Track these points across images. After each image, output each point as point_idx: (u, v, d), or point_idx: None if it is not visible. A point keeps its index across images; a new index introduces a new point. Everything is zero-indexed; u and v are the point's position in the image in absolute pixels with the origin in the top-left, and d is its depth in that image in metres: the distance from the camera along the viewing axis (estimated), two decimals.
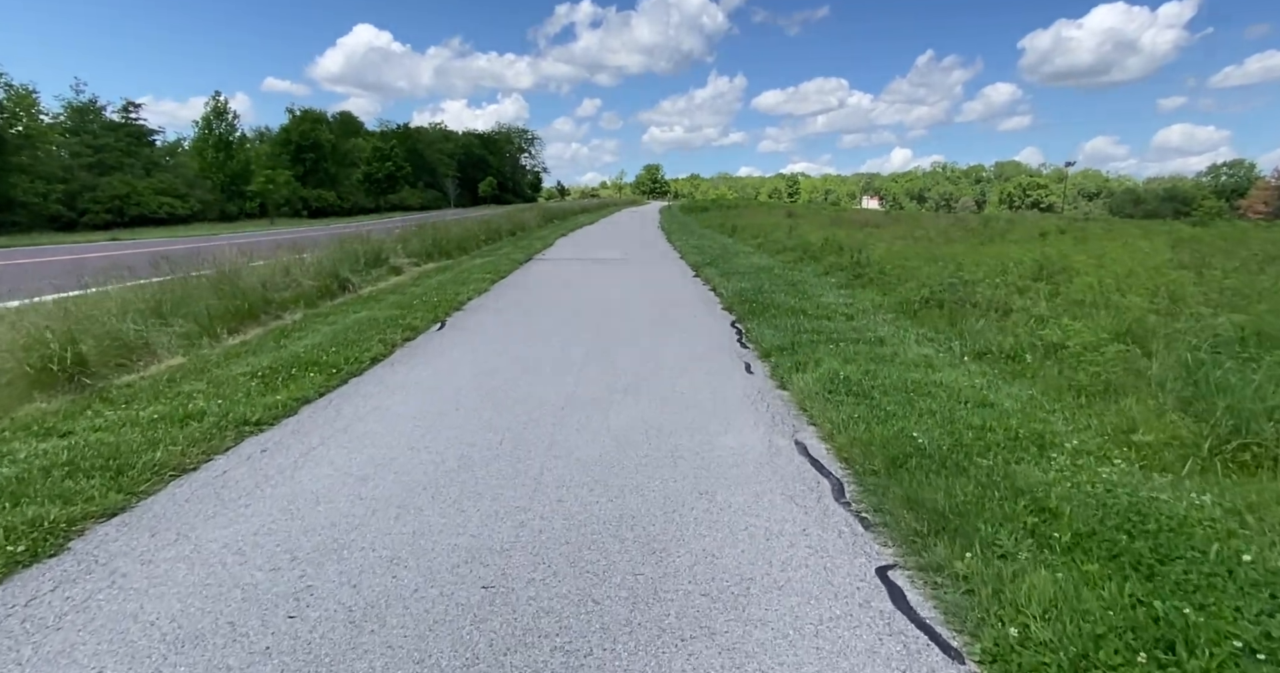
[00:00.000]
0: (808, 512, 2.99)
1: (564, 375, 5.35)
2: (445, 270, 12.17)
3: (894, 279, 8.67)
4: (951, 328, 6.06)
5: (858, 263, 9.57)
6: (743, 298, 8.64)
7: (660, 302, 9.06)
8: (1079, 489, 2.88)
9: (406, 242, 13.78)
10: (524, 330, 7.15)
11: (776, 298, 8.42)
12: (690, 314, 8.10)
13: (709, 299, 9.25)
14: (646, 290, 10.12)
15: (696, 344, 6.48)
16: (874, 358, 5.25)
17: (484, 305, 8.76)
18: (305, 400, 4.54)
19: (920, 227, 15.42)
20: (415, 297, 8.88)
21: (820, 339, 5.99)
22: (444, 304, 8.41)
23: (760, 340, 6.29)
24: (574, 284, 10.90)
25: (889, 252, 10.95)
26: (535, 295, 9.69)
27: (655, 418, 4.30)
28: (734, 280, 10.16)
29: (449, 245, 14.57)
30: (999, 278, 7.22)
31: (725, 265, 12.05)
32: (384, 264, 11.50)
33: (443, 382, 5.16)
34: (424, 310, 7.90)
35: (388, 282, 10.48)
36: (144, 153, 63.34)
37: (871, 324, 6.61)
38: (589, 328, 7.24)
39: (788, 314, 7.31)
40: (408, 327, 6.94)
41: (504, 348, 6.33)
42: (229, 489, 3.21)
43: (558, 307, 8.66)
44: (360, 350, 5.79)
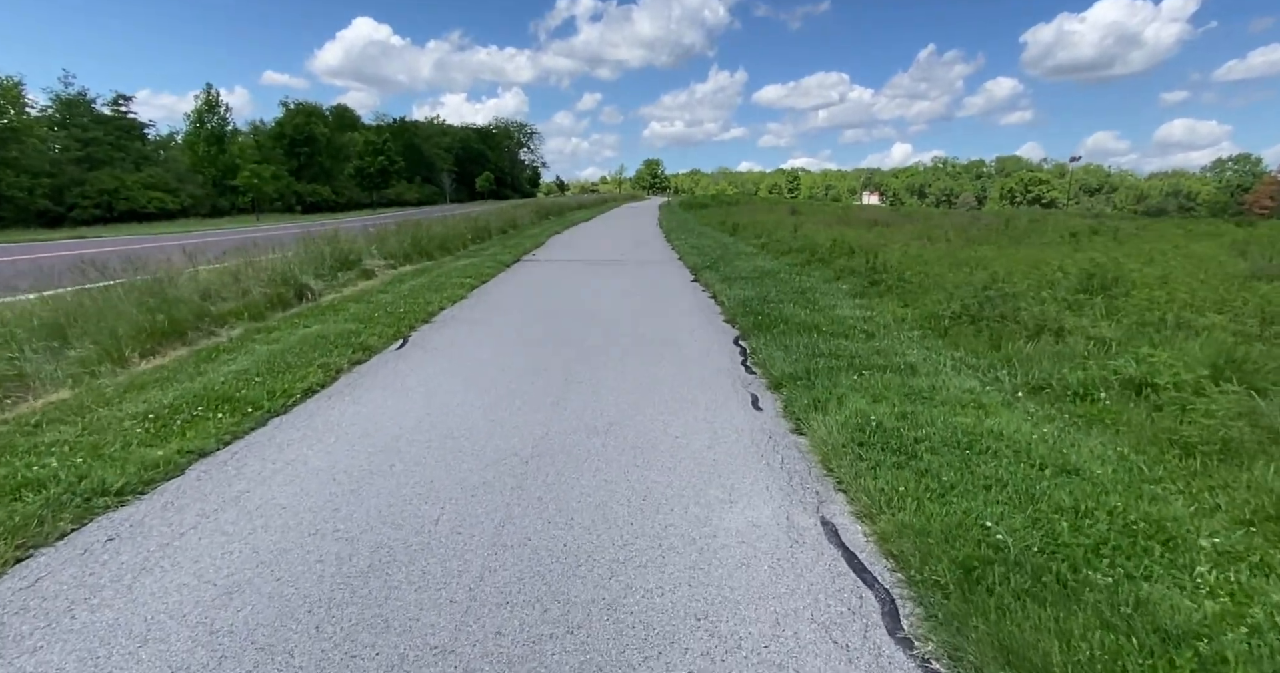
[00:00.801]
0: (851, 659, 2.07)
1: (535, 412, 4.43)
2: (423, 274, 11.23)
3: (915, 288, 7.74)
4: (994, 352, 5.13)
5: (873, 268, 8.64)
6: (746, 308, 7.71)
7: (655, 312, 8.13)
8: (1257, 637, 1.96)
9: (384, 241, 12.84)
10: (497, 350, 6.22)
11: (784, 309, 7.50)
12: (688, 328, 7.18)
13: (709, 309, 8.32)
14: (640, 298, 9.19)
15: (694, 367, 5.56)
16: (909, 393, 4.33)
17: (457, 317, 7.83)
18: (201, 453, 3.61)
19: (935, 226, 14.46)
20: (381, 306, 7.95)
21: (840, 365, 5.06)
22: (411, 316, 7.48)
23: (768, 364, 5.36)
24: (562, 290, 9.97)
25: (905, 254, 10.01)
26: (517, 304, 8.76)
27: (642, 479, 3.38)
28: (736, 287, 9.23)
29: (430, 245, 13.62)
30: (1045, 291, 6.27)
31: (726, 269, 11.11)
32: (354, 267, 10.56)
33: (385, 422, 4.23)
34: (386, 324, 6.97)
35: (355, 288, 9.54)
36: (134, 147, 62.37)
37: (897, 345, 5.68)
38: (572, 346, 6.32)
39: (798, 330, 6.38)
40: (361, 346, 6.01)
41: (471, 373, 5.40)
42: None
43: (540, 319, 7.73)
44: (294, 379, 4.86)
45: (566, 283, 10.70)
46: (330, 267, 9.88)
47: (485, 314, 7.97)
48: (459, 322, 7.52)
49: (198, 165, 62.23)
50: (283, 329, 6.64)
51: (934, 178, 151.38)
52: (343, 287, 9.48)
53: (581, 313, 8.02)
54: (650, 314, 7.95)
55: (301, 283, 8.34)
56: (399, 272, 11.50)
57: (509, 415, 4.37)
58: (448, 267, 12.09)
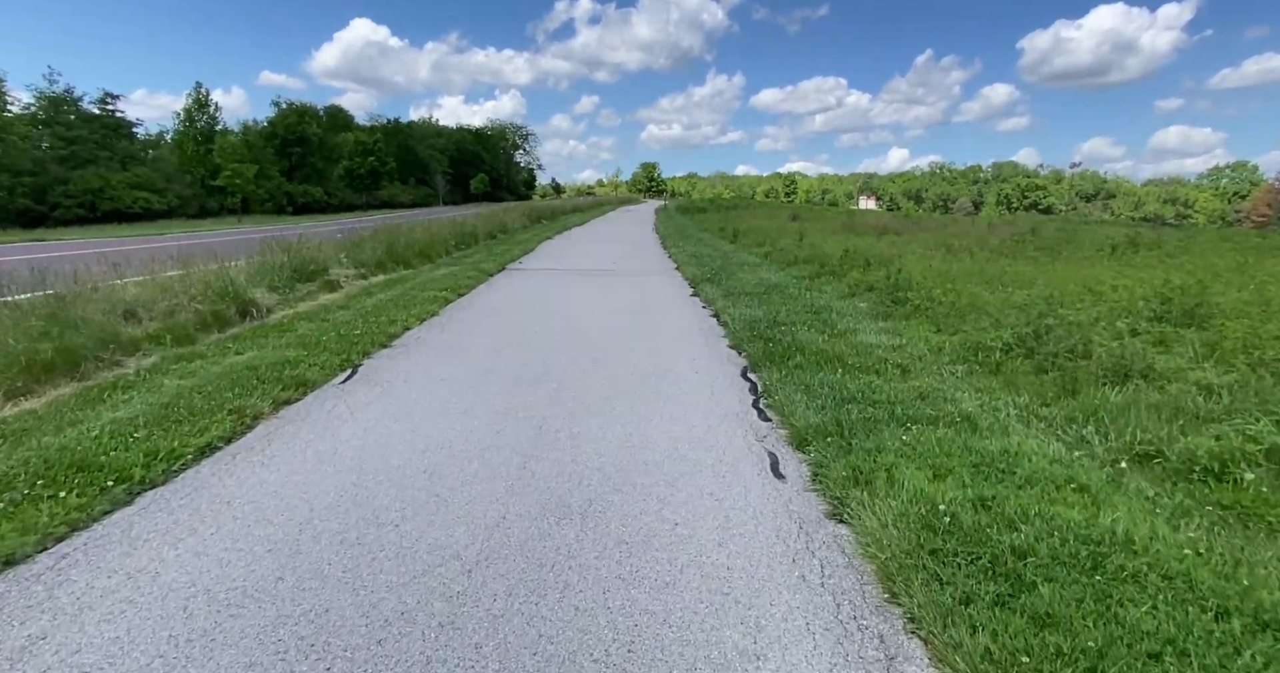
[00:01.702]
0: None
1: (494, 481, 3.43)
2: (395, 285, 10.21)
3: (948, 309, 6.75)
4: (1069, 400, 4.14)
5: (896, 285, 7.65)
6: (754, 331, 6.72)
7: (650, 334, 7.12)
8: None
9: (357, 248, 11.81)
10: (462, 385, 5.20)
11: (798, 333, 6.50)
12: (688, 356, 6.17)
13: (711, 331, 7.32)
14: (634, 317, 8.18)
15: (696, 411, 4.56)
16: (979, 463, 3.32)
17: (423, 340, 6.81)
18: (6, 561, 2.59)
19: (952, 234, 13.46)
20: (336, 326, 6.92)
21: (878, 414, 4.06)
22: (369, 338, 6.46)
23: (787, 409, 4.37)
24: (547, 306, 8.95)
25: (927, 268, 9.03)
26: (494, 324, 7.74)
27: (628, 606, 2.38)
28: (741, 304, 8.24)
29: (408, 253, 12.57)
30: (1122, 320, 5.25)
31: (729, 281, 10.12)
32: (318, 277, 9.53)
33: (295, 499, 3.21)
34: (335, 350, 5.94)
35: (314, 302, 8.51)
36: (121, 146, 61.20)
37: (942, 385, 4.69)
38: (551, 380, 5.31)
39: (817, 362, 5.39)
40: (296, 381, 4.98)
41: (423, 420, 4.39)
42: None
43: (518, 342, 6.72)
44: (192, 432, 3.84)
45: (553, 297, 9.69)
46: (288, 277, 8.85)
47: (456, 336, 6.95)
48: (424, 346, 6.50)
49: (186, 165, 61.16)
50: (208, 357, 5.60)
51: (931, 183, 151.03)
52: (300, 301, 8.45)
53: (566, 335, 7.01)
54: (644, 337, 6.94)
55: (247, 298, 7.30)
56: (369, 283, 10.47)
57: (460, 487, 3.36)
58: (424, 276, 11.06)
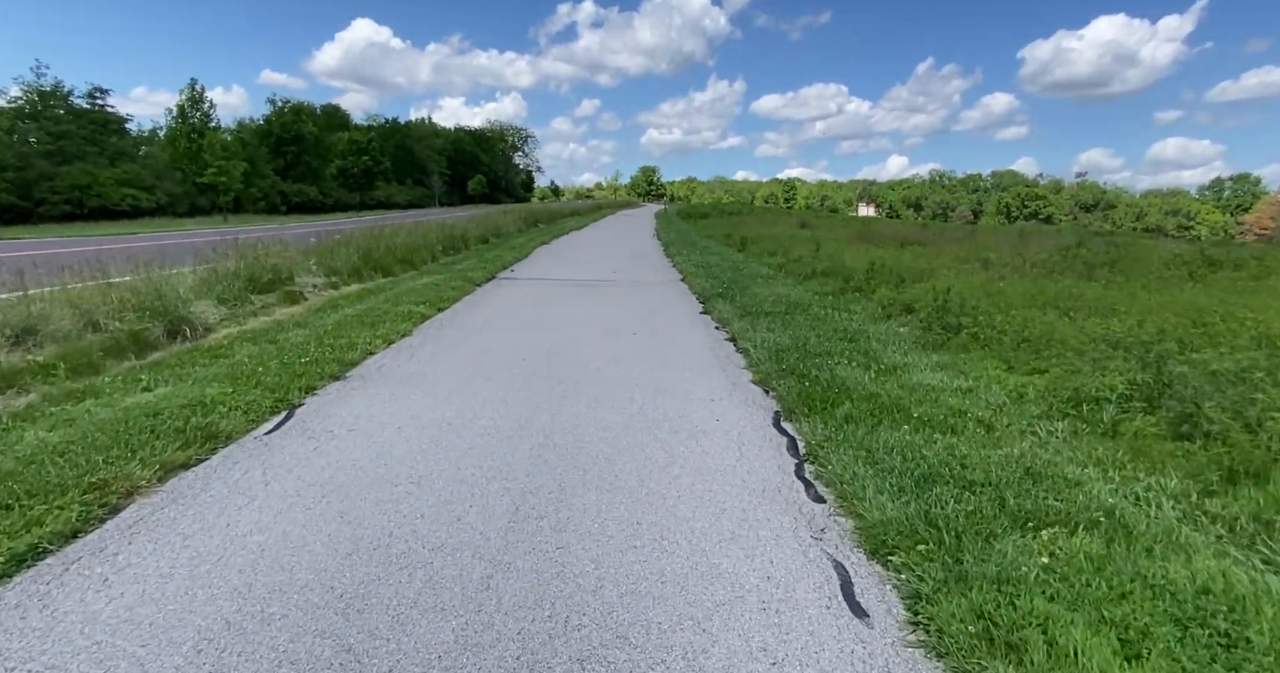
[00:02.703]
0: None
1: (439, 620, 2.29)
2: (369, 296, 9.06)
3: (1015, 341, 5.63)
4: (1247, 485, 3.01)
5: (943, 307, 6.53)
6: (782, 363, 5.60)
7: (656, 364, 6.00)
8: None
9: (331, 254, 10.66)
10: (420, 438, 4.06)
11: (836, 367, 5.39)
12: (705, 395, 5.04)
13: (729, 359, 6.20)
14: (637, 341, 7.06)
15: (722, 485, 3.43)
16: (1182, 617, 2.20)
17: (385, 369, 5.66)
18: None
19: (985, 247, 12.30)
20: (284, 350, 5.79)
21: (985, 506, 2.93)
22: (319, 367, 5.33)
23: (849, 488, 3.25)
24: (536, 325, 7.82)
25: (969, 286, 7.91)
26: (474, 348, 6.61)
27: None
28: (761, 326, 7.11)
29: (388, 259, 11.42)
30: None
31: (743, 297, 8.99)
32: (278, 288, 8.38)
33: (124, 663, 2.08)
34: (274, 383, 4.80)
35: (269, 317, 7.35)
36: (110, 142, 60.02)
37: (1050, 454, 3.55)
38: (535, 431, 4.17)
39: (873, 411, 4.26)
40: (206, 432, 3.84)
41: (358, 497, 3.25)
42: None
43: (500, 374, 5.59)
44: (14, 527, 2.70)
45: (545, 313, 8.55)
46: (241, 288, 7.70)
47: (425, 365, 5.81)
48: (384, 378, 5.35)
49: (177, 162, 60.04)
50: (105, 394, 4.45)
51: (931, 191, 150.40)
52: (252, 316, 7.30)
53: (558, 365, 5.87)
54: (651, 368, 5.81)
55: (179, 314, 6.15)
56: (339, 294, 9.32)
57: (388, 632, 2.22)
58: (404, 287, 9.92)
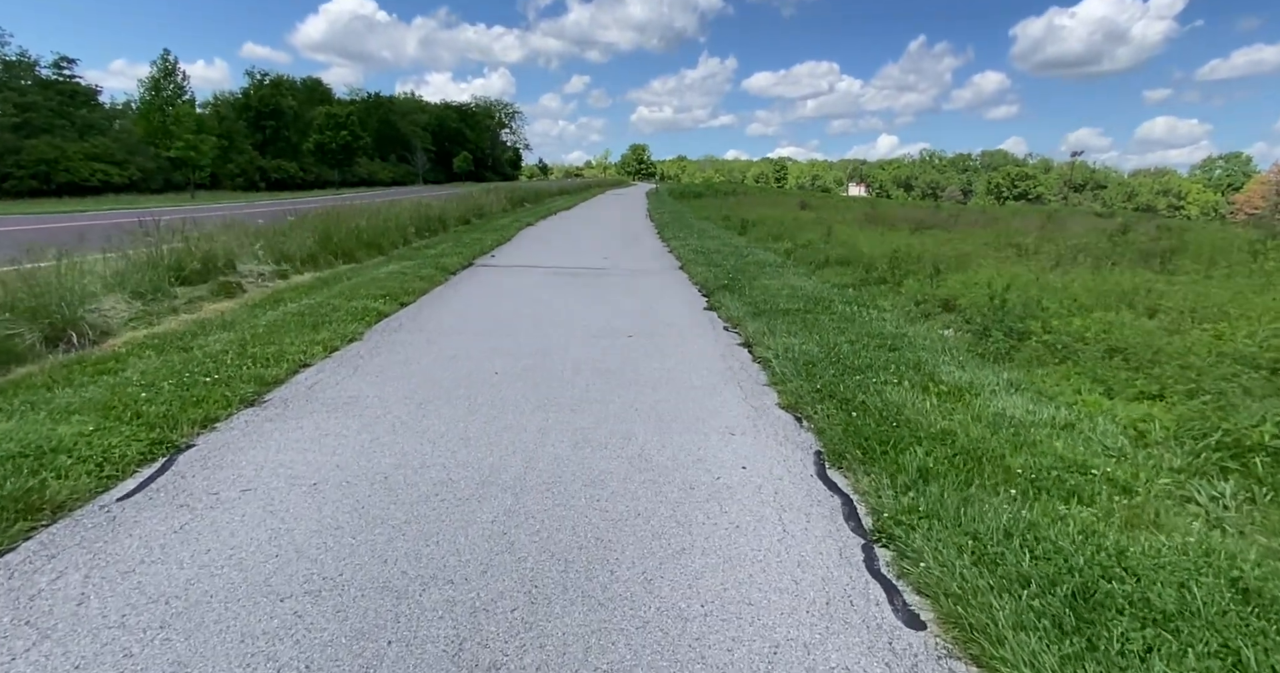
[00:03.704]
0: None
1: None
2: (321, 287, 7.85)
3: (1101, 351, 4.55)
4: None
5: (999, 307, 5.43)
6: (814, 380, 4.51)
7: (657, 380, 4.88)
8: None
9: (284, 237, 9.41)
10: (340, 507, 2.93)
11: (884, 387, 4.30)
12: (720, 426, 3.94)
13: (745, 371, 5.09)
14: (633, 347, 5.94)
15: (763, 593, 2.34)
16: None
17: (317, 389, 4.50)
18: None
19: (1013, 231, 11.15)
20: (191, 363, 4.61)
21: (1188, 652, 1.88)
22: (230, 388, 4.17)
23: (958, 605, 2.17)
24: (513, 326, 6.67)
25: (1016, 279, 6.82)
26: (435, 358, 5.46)
27: None
28: (780, 328, 6.00)
29: (350, 243, 10.16)
30: None
31: (753, 290, 7.87)
32: (213, 278, 7.16)
33: None
34: (160, 412, 3.64)
35: (193, 315, 6.14)
36: (79, 114, 57.69)
37: (1236, 545, 2.50)
38: (500, 489, 3.05)
39: (953, 459, 3.18)
40: (24, 501, 2.69)
41: (222, 613, 2.12)
42: None
43: (461, 396, 4.45)
44: None
45: (525, 309, 7.40)
46: (166, 280, 6.49)
47: (369, 383, 4.65)
48: (312, 404, 4.20)
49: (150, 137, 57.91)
50: None
51: (921, 171, 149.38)
52: (172, 314, 6.09)
53: (537, 381, 4.74)
54: (651, 386, 4.69)
55: (68, 315, 4.95)
56: (289, 284, 8.10)
57: None
58: (365, 276, 8.70)
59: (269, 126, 71.65)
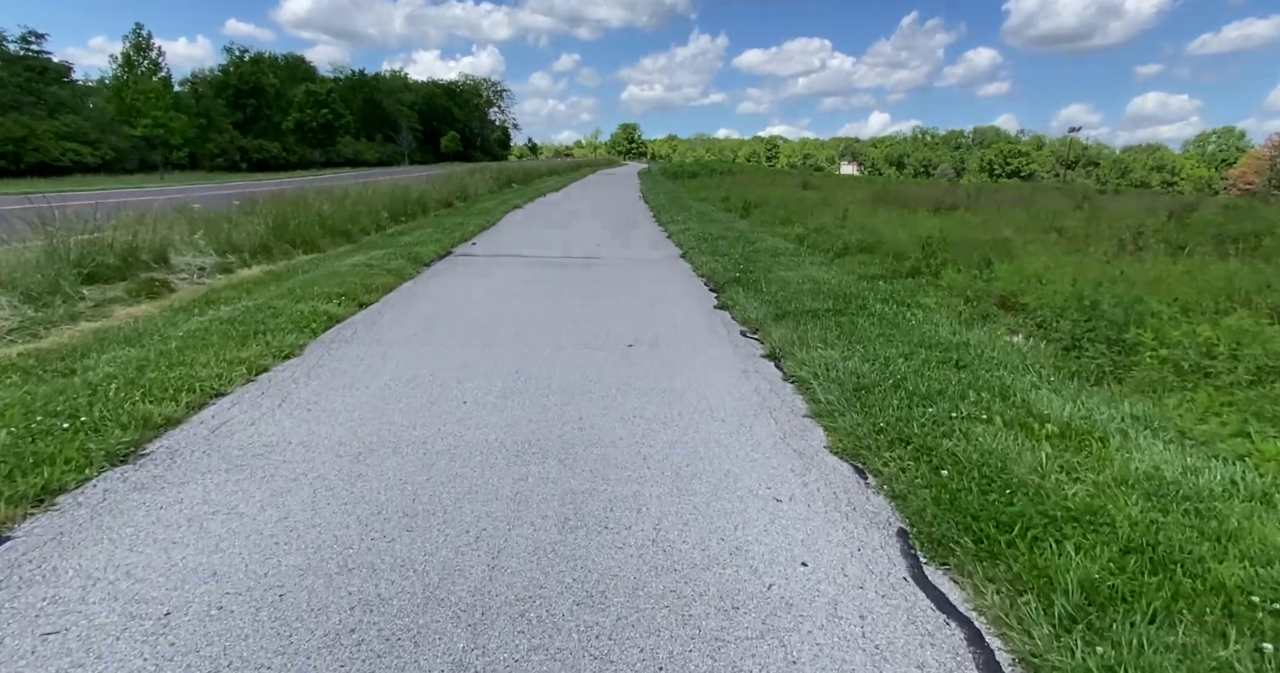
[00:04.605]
0: None
1: None
2: (271, 283, 6.73)
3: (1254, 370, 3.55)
4: None
5: (1091, 310, 4.39)
6: (873, 410, 3.49)
7: (664, 407, 3.83)
8: None
9: (234, 225, 8.25)
10: (203, 651, 1.90)
11: (969, 424, 3.28)
12: (762, 492, 2.91)
13: (775, 396, 4.05)
14: (632, 358, 4.89)
15: None
16: None
17: (224, 433, 3.43)
18: None
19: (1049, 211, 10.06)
20: (55, 396, 3.52)
21: None
22: (99, 436, 3.09)
23: None
24: (491, 333, 5.61)
25: (1082, 271, 5.79)
26: (389, 381, 4.39)
27: None
28: (813, 337, 4.94)
29: (310, 231, 8.99)
30: None
31: (768, 284, 6.81)
32: (138, 273, 6.04)
33: None
34: None
35: (96, 323, 5.03)
36: (49, 91, 55.51)
37: None
38: (451, 633, 2.03)
39: (1119, 558, 2.18)
40: None
41: None
42: None
43: (411, 441, 3.40)
44: None
45: (507, 312, 6.33)
46: (67, 278, 5.36)
47: (294, 423, 3.58)
48: (209, 459, 3.13)
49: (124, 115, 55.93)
50: None
51: (913, 148, 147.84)
52: (75, 321, 4.98)
53: (513, 418, 3.69)
54: (660, 418, 3.64)
55: None
56: (232, 280, 6.96)
57: None
58: (324, 269, 7.57)
59: (249, 105, 69.51)
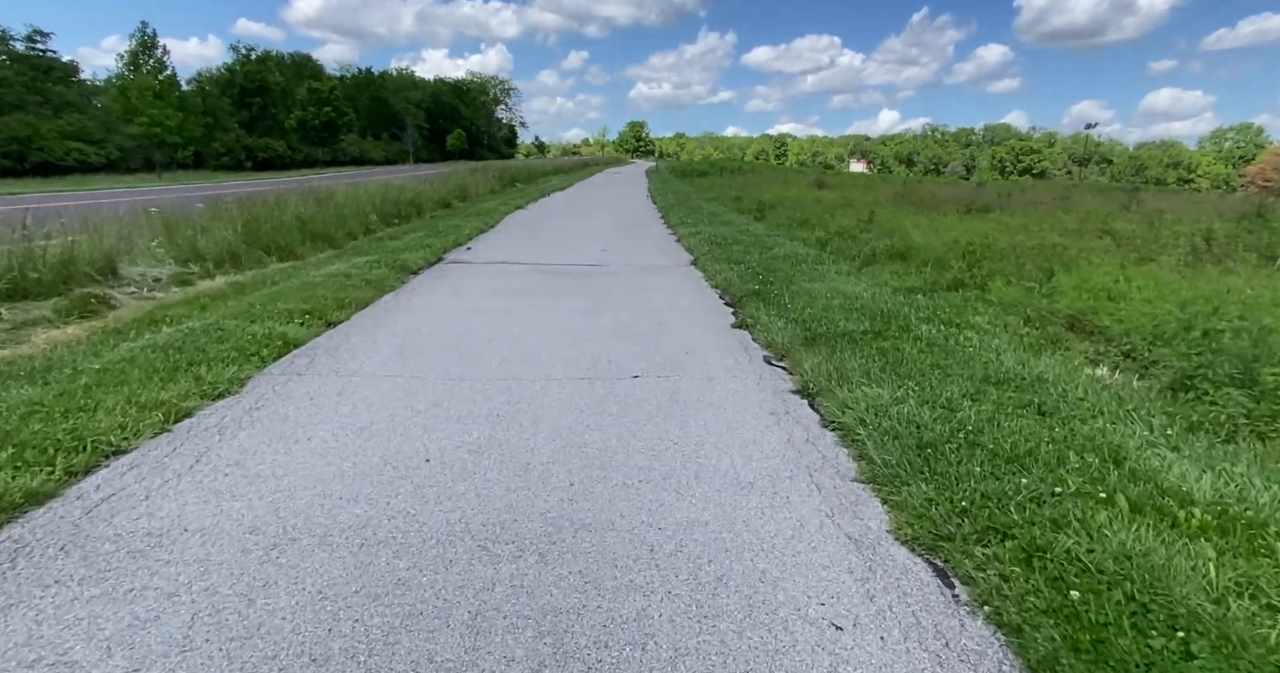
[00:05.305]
0: None
1: None
2: (231, 298, 5.98)
3: None
4: None
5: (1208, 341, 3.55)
6: (945, 480, 2.69)
7: (683, 471, 3.04)
8: None
9: (201, 231, 7.50)
10: None
11: (1081, 504, 2.47)
12: (807, 592, 2.12)
13: (813, 446, 3.25)
14: (638, 395, 4.10)
15: None
16: None
17: (107, 509, 2.65)
18: None
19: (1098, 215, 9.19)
20: None
21: None
22: None
23: None
24: (474, 361, 4.83)
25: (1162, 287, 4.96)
26: (336, 429, 3.62)
27: None
28: (852, 366, 4.13)
29: (289, 236, 8.22)
30: None
31: (792, 298, 6.00)
32: (70, 289, 5.29)
33: None
34: None
35: (6, 351, 4.29)
36: (55, 90, 55.18)
37: None
38: None
39: None
40: None
41: None
42: None
43: (349, 533, 2.62)
44: None
45: (492, 332, 5.54)
46: None
47: (200, 496, 2.80)
48: (69, 557, 2.35)
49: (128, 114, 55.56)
50: None
51: (923, 146, 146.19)
52: None
53: (485, 482, 2.89)
54: (670, 484, 2.85)
55: None
56: (188, 293, 6.20)
57: None
58: (297, 279, 6.81)
59: (254, 103, 69.09)
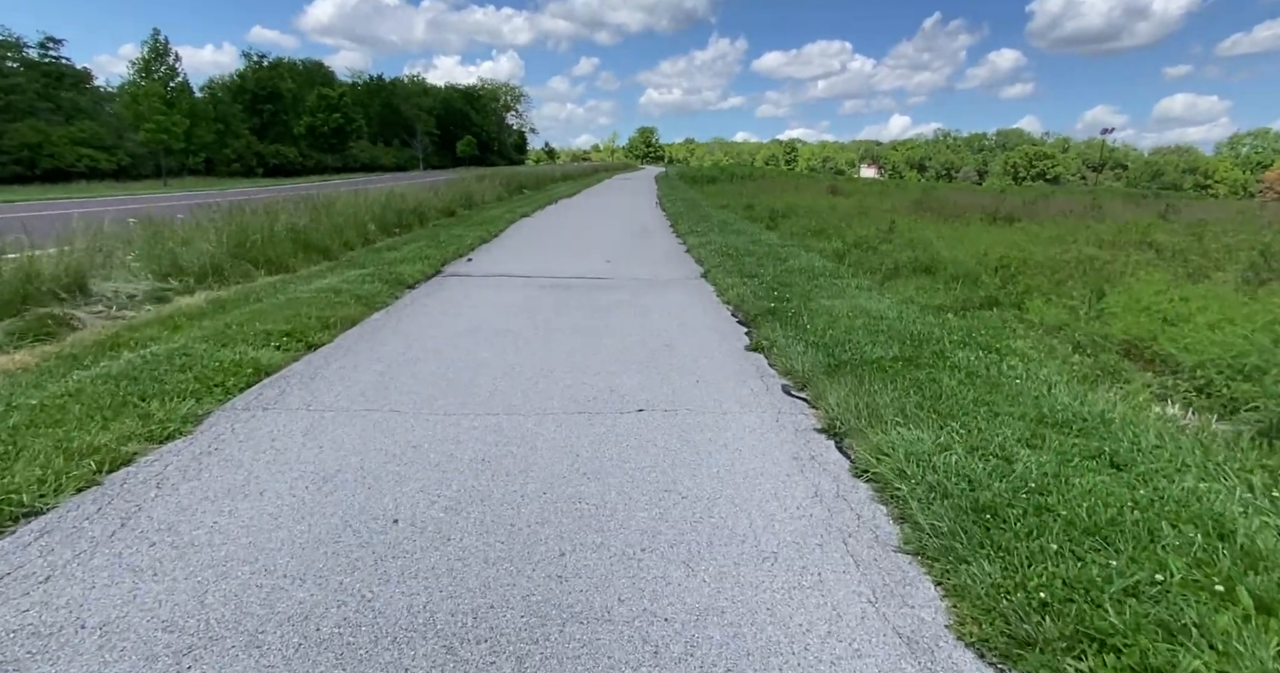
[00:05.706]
0: None
1: None
2: (208, 317, 5.56)
3: None
4: None
5: None
6: (1010, 559, 2.20)
7: (693, 536, 2.58)
8: None
9: (183, 242, 7.10)
10: None
11: (1185, 591, 1.98)
12: None
13: (844, 503, 2.78)
14: (640, 433, 3.64)
15: None
16: None
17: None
18: None
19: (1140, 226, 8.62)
20: None
21: None
22: None
23: None
24: (463, 392, 4.38)
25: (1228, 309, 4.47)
26: (295, 480, 3.17)
27: None
28: (885, 401, 3.64)
29: (280, 247, 7.81)
30: None
31: (812, 318, 5.51)
32: (28, 309, 4.88)
33: None
34: None
35: None
36: (66, 97, 55.44)
37: None
38: None
39: None
40: None
41: None
42: None
43: (298, 613, 2.16)
44: None
45: (485, 356, 5.09)
46: None
47: (113, 575, 2.36)
48: None
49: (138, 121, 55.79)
50: None
51: (935, 151, 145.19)
52: None
53: (462, 551, 2.43)
54: (677, 555, 2.37)
55: None
56: (161, 312, 5.78)
57: None
58: (283, 295, 6.39)
59: (266, 110, 69.38)
